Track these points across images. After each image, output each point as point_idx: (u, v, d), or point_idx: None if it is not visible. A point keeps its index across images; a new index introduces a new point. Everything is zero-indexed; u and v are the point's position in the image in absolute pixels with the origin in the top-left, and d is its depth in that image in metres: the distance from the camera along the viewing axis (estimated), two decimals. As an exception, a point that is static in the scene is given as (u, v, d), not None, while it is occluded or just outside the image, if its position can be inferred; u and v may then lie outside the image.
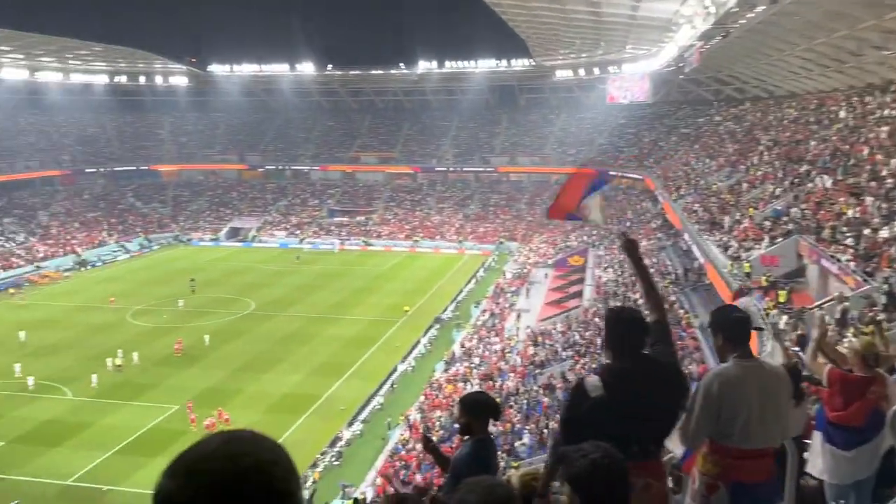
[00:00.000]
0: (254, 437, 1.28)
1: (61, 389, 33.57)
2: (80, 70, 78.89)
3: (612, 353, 3.36)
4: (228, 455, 1.21)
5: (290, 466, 1.26)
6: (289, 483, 1.23)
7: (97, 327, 43.53)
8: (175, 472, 1.22)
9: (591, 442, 2.25)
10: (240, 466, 1.19)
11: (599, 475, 2.15)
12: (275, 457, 1.24)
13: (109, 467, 26.33)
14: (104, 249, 66.68)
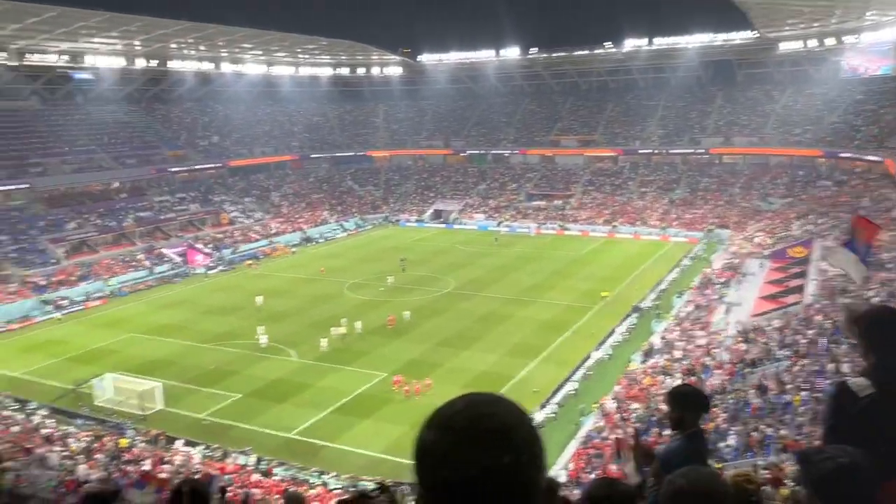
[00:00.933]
0: (500, 400, 1.40)
1: (288, 352, 37.62)
2: (308, 63, 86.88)
3: (877, 352, 3.03)
4: (478, 415, 1.34)
5: (532, 429, 1.36)
6: (530, 445, 1.34)
7: (319, 298, 48.08)
8: (434, 425, 1.37)
9: (838, 445, 2.08)
10: (486, 425, 1.33)
11: (844, 480, 1.98)
12: (518, 420, 1.36)
13: (325, 425, 29.06)
14: (326, 227, 73.30)
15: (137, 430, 28.94)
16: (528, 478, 1.31)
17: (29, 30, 55.18)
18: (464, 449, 1.29)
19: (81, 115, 72.34)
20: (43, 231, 56.08)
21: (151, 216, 63.80)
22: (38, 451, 24.92)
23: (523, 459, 1.31)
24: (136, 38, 63.68)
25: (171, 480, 22.21)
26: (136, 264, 56.26)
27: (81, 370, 34.38)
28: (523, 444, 1.33)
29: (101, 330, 42.84)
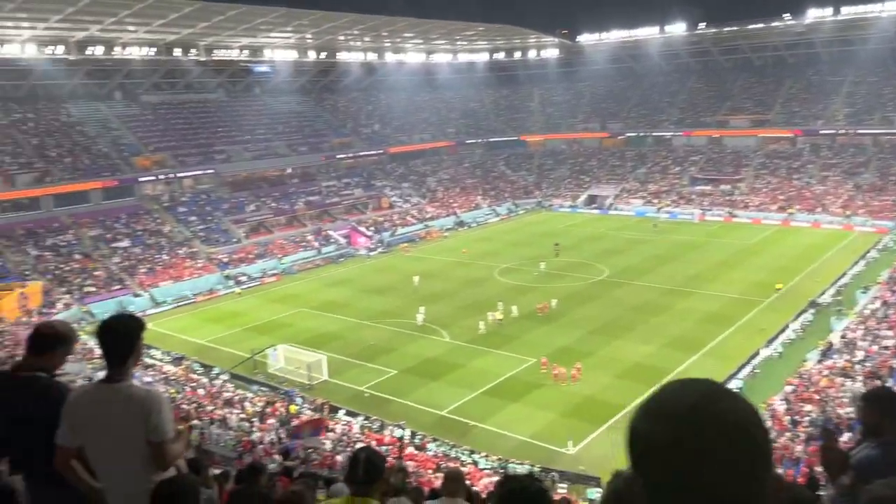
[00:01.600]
0: (734, 395, 1.28)
1: (440, 332, 38.67)
2: (465, 50, 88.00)
3: None
4: (716, 411, 1.22)
5: (765, 430, 1.25)
6: (766, 444, 1.23)
7: (470, 281, 48.90)
8: (656, 416, 1.25)
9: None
10: (723, 421, 1.21)
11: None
12: (755, 418, 1.24)
13: (475, 405, 29.59)
14: (479, 212, 74.25)
15: (305, 398, 31.16)
16: (762, 479, 1.21)
17: (216, 27, 60.53)
18: (706, 446, 1.18)
19: (260, 106, 78.50)
20: (226, 213, 61.71)
21: (319, 200, 68.03)
22: (219, 412, 27.62)
23: (760, 460, 1.21)
24: (307, 32, 67.78)
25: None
26: (305, 244, 60.36)
27: (257, 340, 37.58)
28: (763, 442, 1.23)
29: (275, 304, 46.51)
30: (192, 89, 74.45)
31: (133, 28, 56.64)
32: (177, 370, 34.51)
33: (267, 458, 21.14)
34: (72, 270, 48.43)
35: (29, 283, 44.30)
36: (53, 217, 53.57)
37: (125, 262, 51.24)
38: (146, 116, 68.68)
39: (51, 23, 50.84)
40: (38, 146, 58.12)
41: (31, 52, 55.40)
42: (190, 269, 52.43)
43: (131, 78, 68.65)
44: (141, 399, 3.16)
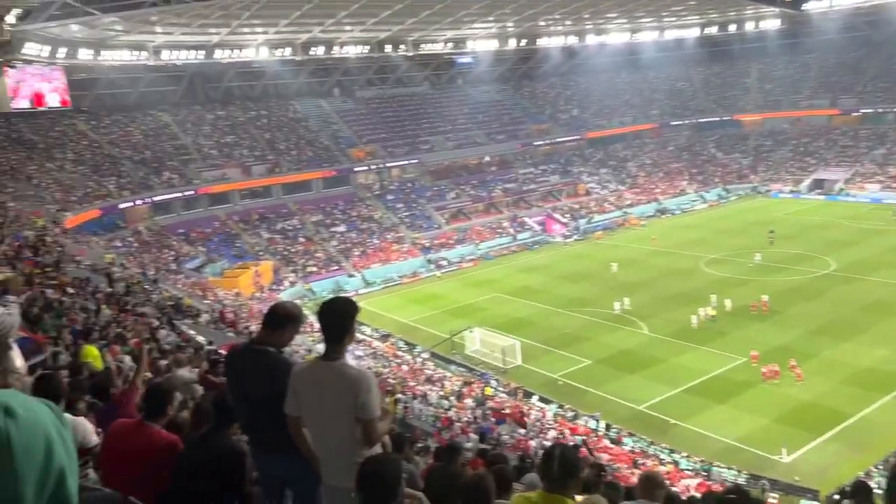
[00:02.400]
0: None
1: (638, 324, 37.29)
2: (674, 26, 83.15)
3: None
4: None
5: None
6: None
7: (672, 272, 46.50)
8: None
9: None
10: None
11: None
12: None
13: (676, 403, 28.17)
14: (683, 199, 70.18)
15: (499, 381, 31.82)
16: None
17: (423, 22, 63.23)
18: None
19: (461, 97, 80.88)
20: (429, 200, 64.65)
21: (516, 187, 68.67)
22: (420, 388, 29.13)
23: None
24: (509, 20, 68.36)
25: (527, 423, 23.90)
26: (501, 231, 61.38)
27: (455, 322, 38.98)
28: None
29: (472, 288, 47.92)
30: (401, 83, 78.67)
31: (349, 27, 61.07)
32: (383, 346, 36.98)
33: (463, 436, 21.92)
34: (297, 252, 53.84)
35: (262, 263, 50.01)
36: (282, 204, 59.88)
37: (341, 246, 55.86)
38: (360, 110, 73.90)
39: (280, 27, 56.44)
40: (270, 140, 65.10)
41: (263, 54, 62.02)
42: (397, 253, 55.79)
43: (348, 75, 74.24)
44: (352, 378, 3.38)
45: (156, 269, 42.11)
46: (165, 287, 34.09)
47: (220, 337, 24.23)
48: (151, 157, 57.83)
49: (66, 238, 35.73)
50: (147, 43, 53.67)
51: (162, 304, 25.60)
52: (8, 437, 1.16)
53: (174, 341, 17.33)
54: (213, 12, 49.38)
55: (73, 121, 56.98)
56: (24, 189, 44.68)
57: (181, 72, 62.75)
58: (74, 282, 20.55)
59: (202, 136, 62.97)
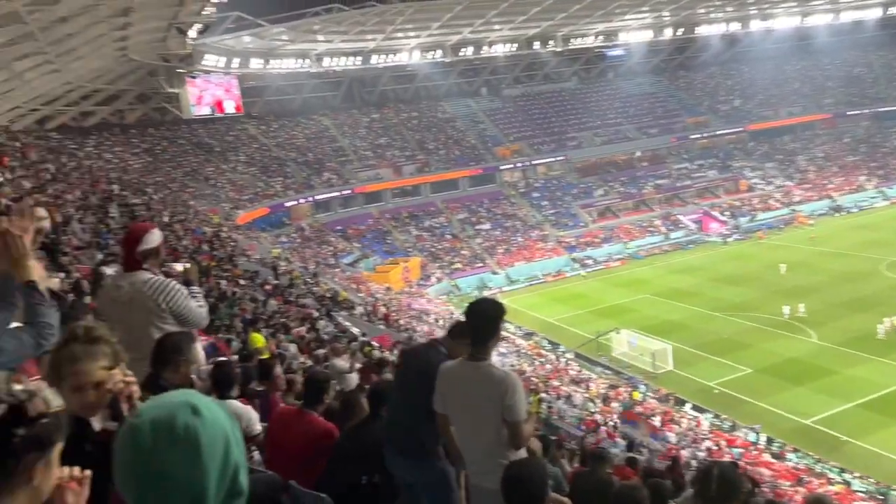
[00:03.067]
0: None
1: (807, 331, 34.34)
2: (851, 7, 75.64)
3: None
4: None
5: None
6: None
7: (846, 275, 42.32)
8: None
9: None
10: None
11: None
12: None
13: (849, 418, 25.67)
14: (861, 195, 63.60)
15: (648, 386, 30.65)
16: None
17: (573, 16, 62.17)
18: None
19: (611, 91, 78.58)
20: (575, 197, 63.51)
21: (669, 184, 65.67)
22: (564, 388, 28.76)
23: None
24: (665, 10, 65.55)
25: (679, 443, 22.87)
26: (652, 229, 58.99)
27: (601, 323, 37.98)
28: None
29: (619, 289, 46.50)
30: (549, 80, 77.93)
31: (498, 26, 61.43)
32: (527, 345, 36.88)
33: (609, 440, 21.36)
34: (443, 249, 55.09)
35: (410, 259, 51.70)
36: (430, 202, 61.49)
37: (486, 243, 56.40)
38: (507, 109, 74.08)
39: (432, 30, 57.93)
40: (420, 140, 67.05)
41: (415, 57, 63.99)
42: (541, 251, 55.39)
43: (495, 74, 74.72)
44: (499, 380, 3.38)
45: (315, 263, 44.87)
46: (324, 280, 36.23)
47: (373, 329, 25.35)
48: (313, 159, 61.63)
49: (238, 234, 39.03)
50: (310, 51, 57.23)
51: (321, 297, 27.22)
52: (197, 435, 1.28)
53: (332, 332, 18.39)
54: (370, 19, 51.73)
55: (245, 125, 62.03)
56: (202, 189, 49.40)
57: (340, 77, 66.28)
58: (245, 274, 22.38)
59: (358, 138, 66.15)
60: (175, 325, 3.85)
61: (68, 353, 2.26)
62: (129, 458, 1.27)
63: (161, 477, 1.26)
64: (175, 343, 3.35)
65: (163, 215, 28.11)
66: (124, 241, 4.30)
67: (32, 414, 1.57)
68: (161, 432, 1.28)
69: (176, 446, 1.27)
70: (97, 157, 44.00)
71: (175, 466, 1.26)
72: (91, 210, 20.74)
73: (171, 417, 1.30)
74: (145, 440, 1.27)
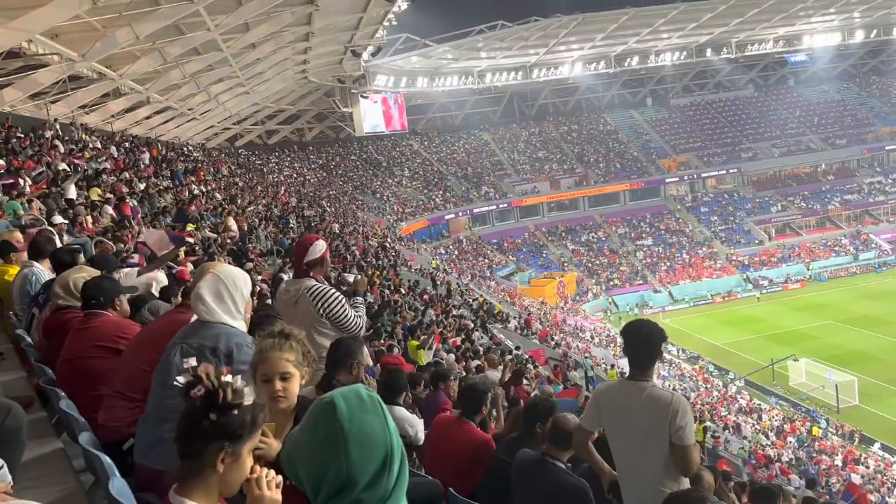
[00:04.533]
0: None
1: None
2: None
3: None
4: None
5: None
6: None
7: None
8: None
9: None
10: None
11: None
12: None
13: None
14: None
15: (830, 420, 27.83)
16: None
17: (750, 21, 58.36)
18: None
19: (792, 98, 72.69)
20: (749, 213, 59.28)
21: (859, 199, 59.43)
22: (732, 418, 26.84)
23: None
24: (855, 11, 59.78)
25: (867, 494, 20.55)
26: (839, 249, 53.70)
27: (776, 349, 35.07)
28: None
29: (798, 313, 42.70)
30: (722, 88, 73.74)
31: (667, 35, 59.18)
32: (691, 369, 34.90)
33: (783, 478, 19.62)
34: (600, 264, 53.77)
35: (566, 273, 50.98)
36: (588, 216, 60.32)
37: (647, 259, 54.25)
38: (674, 119, 70.99)
39: (595, 41, 57.02)
40: (579, 153, 66.08)
41: (577, 70, 63.28)
42: (709, 270, 52.30)
43: (662, 83, 71.99)
44: (667, 401, 3.21)
45: (472, 275, 45.65)
46: (480, 292, 36.73)
47: (527, 343, 25.26)
48: (472, 173, 62.89)
49: (401, 245, 40.71)
50: (473, 68, 58.61)
51: (477, 308, 27.61)
52: (380, 402, 1.48)
53: (486, 343, 18.57)
54: (533, 34, 52.01)
55: (410, 142, 64.70)
56: (370, 202, 52.18)
57: (501, 93, 67.18)
58: (406, 284, 23.27)
59: (516, 152, 66.55)
60: (332, 330, 4.13)
61: (260, 346, 2.47)
62: (333, 426, 1.40)
63: (365, 436, 1.40)
64: (348, 347, 3.60)
65: (334, 226, 30.00)
66: (294, 251, 4.67)
67: (229, 402, 1.71)
68: (353, 401, 1.44)
69: (368, 411, 1.43)
70: (278, 171, 48.05)
71: (373, 427, 1.42)
72: (273, 220, 22.64)
73: (354, 391, 1.47)
74: (342, 409, 1.42)
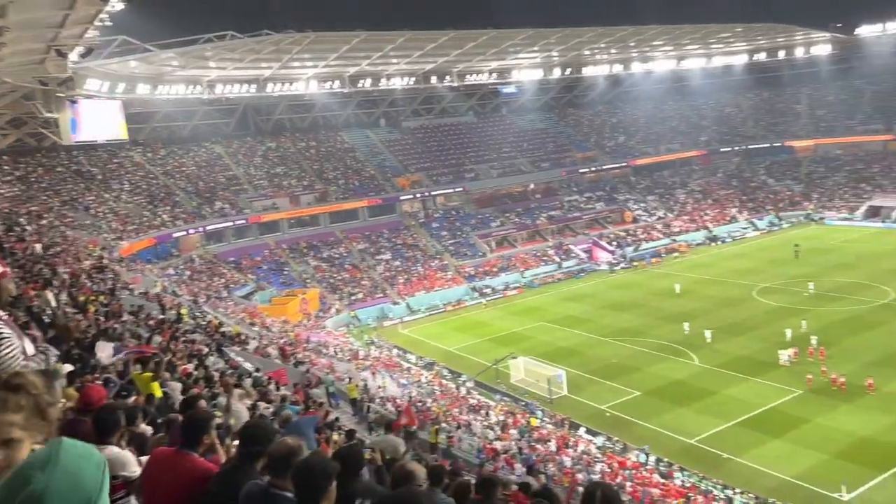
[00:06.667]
0: None
1: (689, 354, 36.31)
2: (721, 52, 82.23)
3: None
4: None
5: None
6: None
7: (723, 301, 45.29)
8: None
9: None
10: None
11: None
12: None
13: (729, 437, 27.22)
14: (734, 226, 68.63)
15: (545, 411, 31.31)
16: None
17: (468, 53, 64.01)
18: None
19: (506, 125, 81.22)
20: (474, 228, 64.73)
21: (561, 215, 68.26)
22: (464, 417, 28.85)
23: None
24: (553, 50, 68.70)
25: (575, 475, 23.38)
26: (546, 259, 60.94)
27: (500, 350, 38.63)
28: None
29: (517, 316, 47.54)
30: (446, 113, 79.61)
31: (396, 60, 62.20)
32: (428, 375, 36.84)
33: (508, 468, 21.56)
34: (343, 280, 54.42)
35: (309, 290, 50.67)
36: (329, 232, 60.78)
37: (387, 273, 56.24)
38: (406, 140, 74.86)
39: (329, 60, 57.84)
40: (319, 170, 66.38)
41: (313, 87, 63.57)
42: (441, 281, 55.86)
43: (394, 106, 75.50)
44: None
45: (206, 296, 43.06)
46: (215, 314, 34.78)
47: (268, 364, 24.53)
48: (204, 188, 59.54)
49: (121, 266, 36.88)
50: (202, 77, 55.61)
51: (211, 331, 26.09)
52: (42, 491, 1.32)
53: (222, 368, 17.61)
54: (265, 47, 50.99)
55: (130, 153, 59.17)
56: (82, 219, 46.44)
57: (234, 105, 64.76)
58: (128, 309, 21.13)
59: (253, 167, 64.63)
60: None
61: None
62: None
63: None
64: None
65: (36, 247, 26.19)
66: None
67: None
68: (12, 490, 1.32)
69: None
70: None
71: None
72: (-48, 241, 19.00)
73: (23, 477, 1.34)
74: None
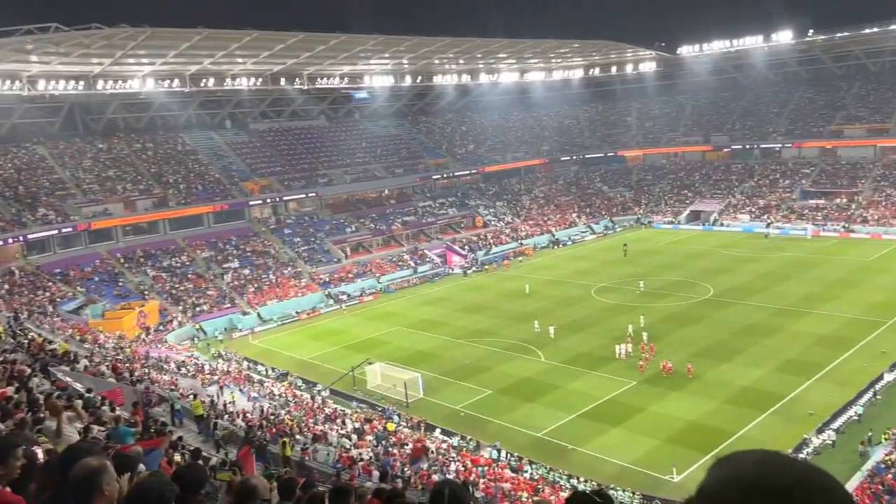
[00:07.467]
0: (833, 480, 1.16)
1: (536, 352, 38.15)
2: (560, 67, 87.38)
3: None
4: (812, 489, 1.12)
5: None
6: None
7: (565, 300, 48.08)
8: (739, 486, 1.15)
9: None
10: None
11: None
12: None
13: (573, 428, 28.91)
14: (574, 230, 73.12)
15: (401, 415, 31.49)
16: None
17: (318, 56, 63.09)
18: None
19: (359, 131, 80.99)
20: (328, 234, 63.80)
21: (415, 220, 69.14)
22: (319, 428, 28.32)
23: None
24: (404, 57, 69.51)
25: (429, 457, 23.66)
26: (402, 264, 61.41)
27: (357, 357, 38.31)
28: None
29: (373, 322, 47.47)
30: (297, 116, 77.91)
31: (242, 60, 59.96)
32: (282, 386, 35.75)
33: (365, 475, 21.45)
34: (186, 290, 51.39)
35: (147, 302, 47.38)
36: (170, 240, 57.16)
37: (235, 282, 53.86)
38: (254, 143, 72.31)
39: (168, 58, 54.62)
40: (157, 173, 62.34)
41: (149, 86, 59.66)
42: (295, 288, 54.46)
43: (240, 107, 72.70)
44: None
45: (29, 312, 39.02)
46: (39, 331, 31.59)
47: (102, 384, 22.65)
48: (25, 192, 53.94)
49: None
50: (21, 72, 50.46)
51: (35, 350, 23.67)
52: None
53: (47, 390, 16.03)
54: (95, 41, 47.16)
55: (-67, 153, 52.36)
56: None
57: (60, 103, 59.30)
58: (-69, 329, 18.70)
59: (82, 170, 59.44)
60: None
61: None
62: None
63: None
64: None
65: None
66: None
67: None
68: None
69: None
70: None
71: None
72: None
73: None
74: None
